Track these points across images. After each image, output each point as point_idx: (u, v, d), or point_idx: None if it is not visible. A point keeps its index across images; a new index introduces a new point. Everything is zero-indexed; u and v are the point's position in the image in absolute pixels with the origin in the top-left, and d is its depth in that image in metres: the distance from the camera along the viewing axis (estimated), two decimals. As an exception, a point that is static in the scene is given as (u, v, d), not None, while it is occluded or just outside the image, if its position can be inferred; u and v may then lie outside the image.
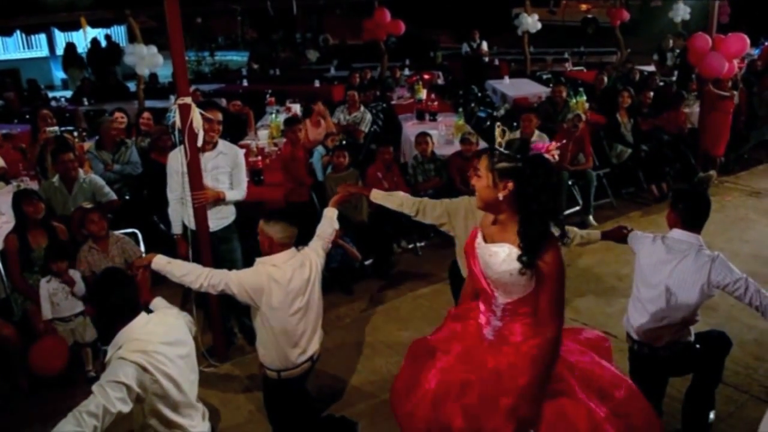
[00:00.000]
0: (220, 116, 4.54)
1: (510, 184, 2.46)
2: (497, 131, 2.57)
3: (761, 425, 1.84)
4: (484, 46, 14.54)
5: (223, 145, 4.67)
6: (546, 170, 2.48)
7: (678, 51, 12.58)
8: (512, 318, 2.66)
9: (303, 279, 3.48)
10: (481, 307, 2.79)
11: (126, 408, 2.61)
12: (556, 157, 2.52)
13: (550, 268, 2.49)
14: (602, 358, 2.89)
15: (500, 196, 2.49)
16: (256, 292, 3.38)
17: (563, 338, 2.69)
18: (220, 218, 4.66)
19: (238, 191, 4.72)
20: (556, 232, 2.62)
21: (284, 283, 3.40)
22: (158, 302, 3.37)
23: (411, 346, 3.06)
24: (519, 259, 2.48)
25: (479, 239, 2.68)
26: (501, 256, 2.54)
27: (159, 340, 2.85)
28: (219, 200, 4.58)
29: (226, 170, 4.67)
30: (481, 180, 2.55)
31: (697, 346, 3.43)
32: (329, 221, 3.84)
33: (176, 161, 4.47)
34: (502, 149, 2.52)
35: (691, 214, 3.37)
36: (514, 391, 2.57)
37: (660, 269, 3.35)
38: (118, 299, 2.89)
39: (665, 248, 3.38)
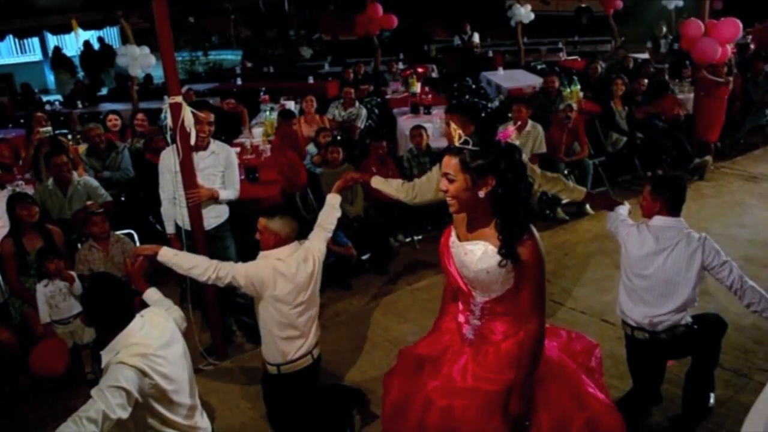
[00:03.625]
0: (211, 117, 4.52)
1: (491, 180, 2.40)
2: (452, 131, 2.55)
3: (744, 425, 1.82)
4: (476, 38, 14.44)
5: (215, 145, 4.67)
6: (519, 156, 2.46)
7: (671, 38, 12.58)
8: (491, 317, 2.64)
9: (307, 273, 3.48)
10: (460, 306, 2.76)
11: (125, 414, 2.59)
12: (517, 141, 2.52)
13: (530, 258, 2.45)
14: (590, 371, 2.89)
15: (482, 194, 2.42)
16: (262, 285, 3.39)
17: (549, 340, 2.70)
18: (213, 217, 4.66)
19: (231, 191, 4.72)
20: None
21: (290, 276, 3.41)
22: (151, 293, 3.36)
23: (399, 357, 3.04)
24: (499, 251, 2.44)
25: (453, 238, 2.65)
26: (477, 254, 2.51)
27: (157, 344, 2.84)
28: (212, 199, 4.57)
29: (219, 170, 4.67)
30: (455, 183, 2.45)
31: (695, 327, 3.42)
32: (332, 208, 3.84)
33: (168, 160, 4.49)
34: (470, 147, 2.43)
35: (676, 200, 3.39)
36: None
37: (653, 260, 3.35)
38: (110, 306, 2.86)
39: (653, 238, 3.38)
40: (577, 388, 2.70)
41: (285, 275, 3.40)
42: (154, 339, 2.86)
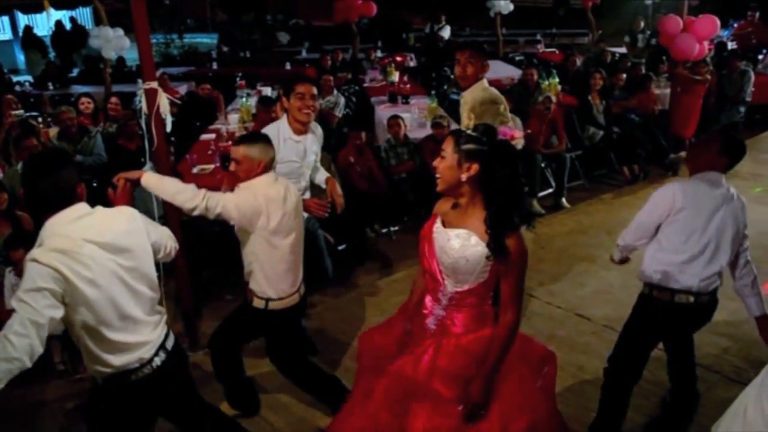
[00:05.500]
0: (314, 89, 3.93)
1: (475, 166, 2.46)
2: (464, 115, 2.56)
3: (719, 426, 1.83)
4: (446, 32, 14.20)
5: (314, 125, 4.19)
6: (511, 156, 2.50)
7: (649, 33, 12.67)
8: (457, 308, 2.65)
9: (293, 202, 3.38)
10: (428, 296, 2.76)
11: (58, 312, 2.27)
12: (520, 145, 2.53)
13: (515, 251, 2.48)
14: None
15: (463, 177, 2.48)
16: (255, 214, 3.20)
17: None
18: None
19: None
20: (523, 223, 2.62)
21: (280, 201, 3.27)
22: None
23: (360, 349, 3.03)
24: (488, 245, 2.48)
25: (438, 224, 2.67)
26: (459, 241, 2.54)
27: (86, 238, 2.38)
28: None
29: (316, 154, 4.26)
30: (444, 161, 2.53)
31: None
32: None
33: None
34: (469, 132, 2.54)
35: (737, 160, 3.32)
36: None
37: (712, 216, 3.21)
38: (47, 184, 2.40)
39: (710, 193, 3.24)
40: (529, 387, 2.71)
41: (276, 201, 3.25)
42: (87, 233, 2.39)
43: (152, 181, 3.12)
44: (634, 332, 3.45)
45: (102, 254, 2.41)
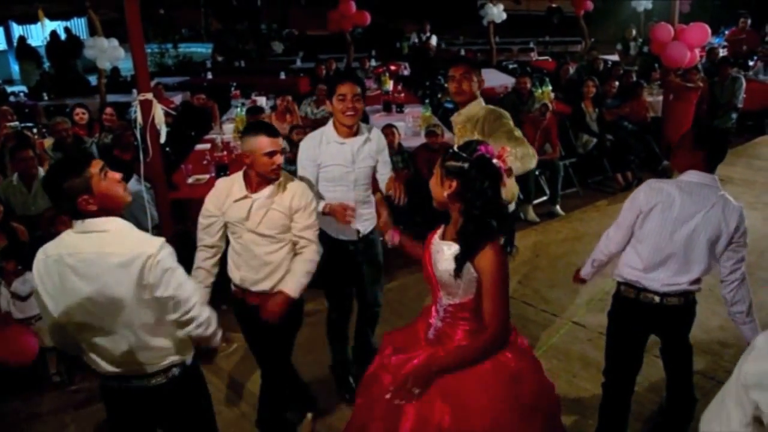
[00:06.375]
0: (357, 89, 3.64)
1: (454, 183, 2.49)
2: (458, 132, 2.58)
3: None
4: (433, 40, 14.35)
5: (364, 127, 3.86)
6: (489, 173, 2.48)
7: (641, 41, 12.77)
8: (453, 321, 2.64)
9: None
10: (432, 306, 2.78)
11: None
12: (508, 163, 2.54)
13: (487, 270, 2.47)
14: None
15: (445, 194, 2.52)
16: None
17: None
18: (366, 219, 3.95)
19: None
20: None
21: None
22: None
23: (381, 345, 2.97)
24: (454, 259, 2.49)
25: (437, 234, 2.70)
26: (445, 254, 2.55)
27: (59, 250, 2.45)
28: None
29: (374, 160, 3.87)
30: (434, 177, 2.59)
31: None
32: None
33: (310, 151, 3.77)
34: (455, 149, 2.56)
35: (718, 153, 3.11)
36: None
37: (685, 222, 3.04)
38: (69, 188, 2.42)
39: (687, 195, 3.05)
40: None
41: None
42: (64, 247, 2.46)
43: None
44: (611, 334, 3.44)
45: (62, 269, 2.46)
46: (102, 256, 2.40)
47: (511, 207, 3.69)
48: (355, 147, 3.75)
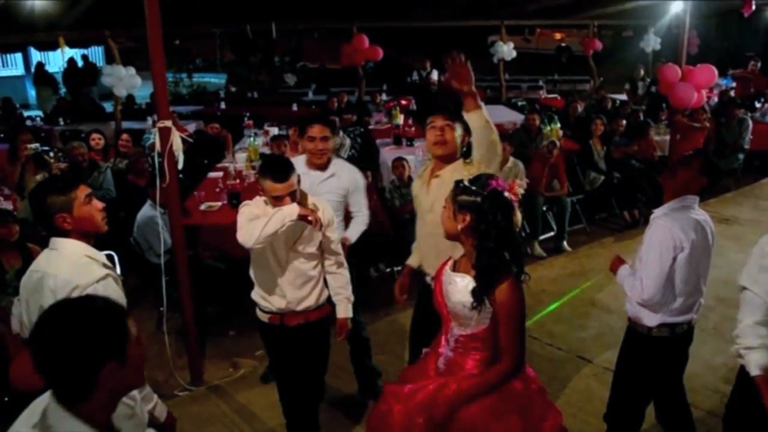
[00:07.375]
0: (326, 131, 3.98)
1: (468, 217, 2.54)
2: (439, 198, 2.65)
3: None
4: (434, 75, 14.51)
5: (336, 165, 4.15)
6: (502, 207, 2.53)
7: (649, 80, 12.91)
8: (464, 351, 2.67)
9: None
10: (442, 335, 2.81)
11: None
12: (519, 195, 2.59)
13: (505, 304, 2.52)
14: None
15: (459, 227, 2.57)
16: None
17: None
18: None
19: (360, 220, 4.32)
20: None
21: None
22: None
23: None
24: (472, 292, 2.53)
25: (448, 266, 2.74)
26: (458, 286, 2.59)
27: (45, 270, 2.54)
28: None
29: (340, 195, 4.14)
30: (446, 210, 2.64)
31: None
32: None
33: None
34: (466, 183, 2.60)
35: (714, 183, 3.34)
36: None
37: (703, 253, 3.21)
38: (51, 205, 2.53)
39: (703, 221, 3.22)
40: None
41: None
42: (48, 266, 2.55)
43: None
44: (624, 372, 3.49)
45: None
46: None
47: None
48: (316, 179, 4.00)
